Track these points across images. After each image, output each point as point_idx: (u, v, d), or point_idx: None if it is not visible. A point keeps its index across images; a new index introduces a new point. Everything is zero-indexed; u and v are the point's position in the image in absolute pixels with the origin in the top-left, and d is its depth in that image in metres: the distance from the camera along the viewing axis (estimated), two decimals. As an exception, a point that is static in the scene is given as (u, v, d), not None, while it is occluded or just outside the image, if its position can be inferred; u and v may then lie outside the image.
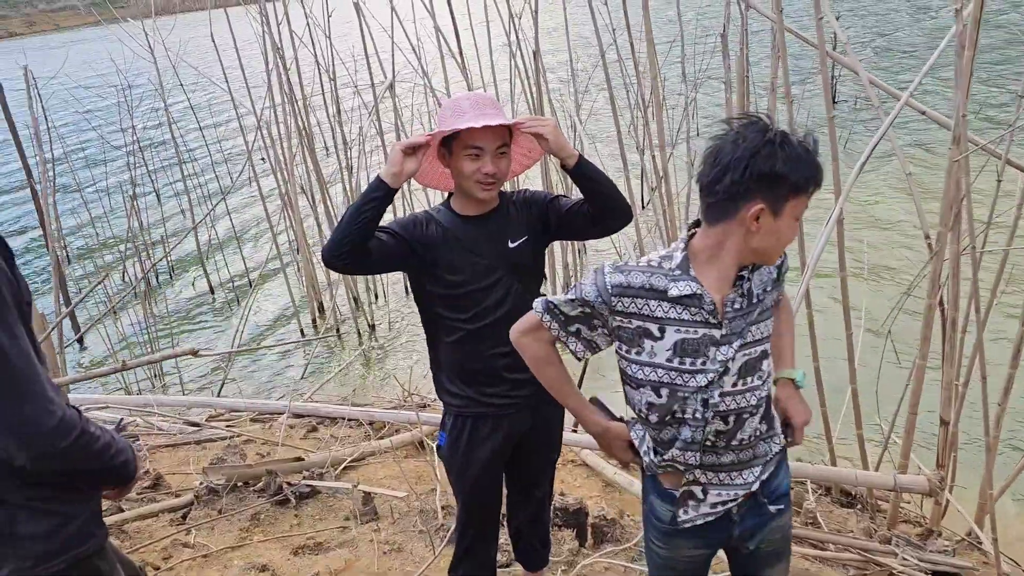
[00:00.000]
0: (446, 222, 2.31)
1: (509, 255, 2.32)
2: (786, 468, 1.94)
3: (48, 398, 1.33)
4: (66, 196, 11.11)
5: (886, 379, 4.69)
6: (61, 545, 1.41)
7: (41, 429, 1.31)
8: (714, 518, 1.86)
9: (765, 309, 1.82)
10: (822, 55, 3.51)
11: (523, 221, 2.36)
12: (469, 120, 2.13)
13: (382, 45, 7.26)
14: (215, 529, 3.51)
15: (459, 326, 2.33)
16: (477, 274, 2.29)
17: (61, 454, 1.34)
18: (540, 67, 6.24)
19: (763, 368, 1.82)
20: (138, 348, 7.39)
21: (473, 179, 2.21)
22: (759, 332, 1.81)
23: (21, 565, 1.38)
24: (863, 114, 10.57)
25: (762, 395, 1.83)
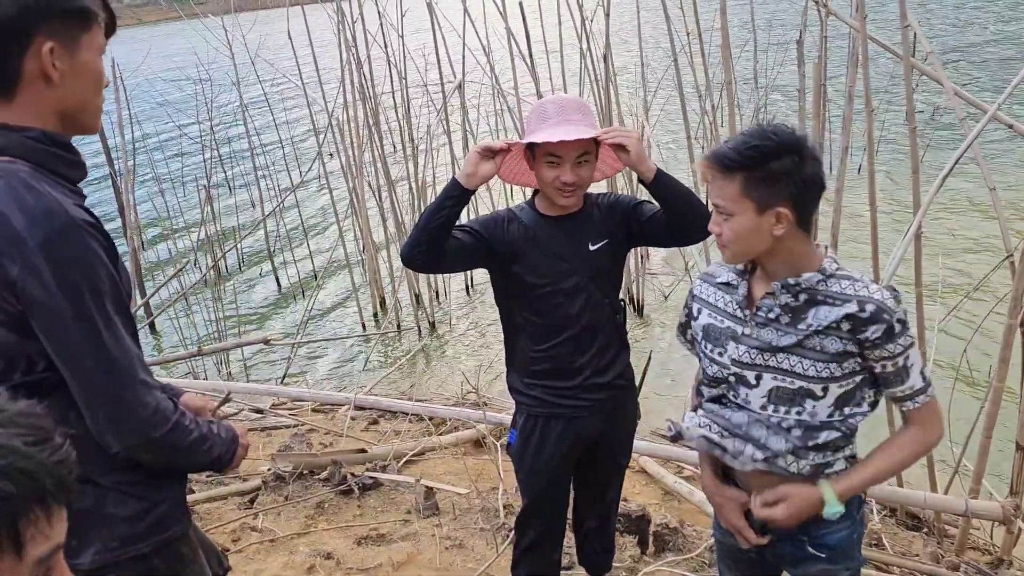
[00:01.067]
0: (528, 221, 2.32)
1: (589, 257, 2.32)
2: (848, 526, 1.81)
3: (145, 388, 1.38)
4: (142, 184, 11.48)
5: (959, 401, 4.57)
6: (146, 529, 1.46)
7: (136, 419, 1.36)
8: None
9: (820, 350, 1.68)
10: (907, 65, 3.44)
11: (606, 224, 2.36)
12: (548, 130, 2.15)
13: (453, 45, 7.33)
14: (281, 515, 3.60)
15: (535, 326, 2.35)
16: (556, 275, 2.30)
17: (154, 444, 1.39)
18: (610, 70, 6.23)
19: (806, 405, 1.71)
20: (207, 336, 7.60)
21: (552, 186, 2.22)
22: (795, 365, 1.70)
23: (107, 545, 1.42)
24: (942, 125, 10.26)
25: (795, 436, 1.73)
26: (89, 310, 1.31)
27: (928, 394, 1.72)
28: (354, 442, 4.46)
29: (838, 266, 1.70)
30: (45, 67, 1.34)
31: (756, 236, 1.66)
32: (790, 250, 1.69)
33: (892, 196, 8.49)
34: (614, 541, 2.79)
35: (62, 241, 1.29)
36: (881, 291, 1.67)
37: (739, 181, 1.62)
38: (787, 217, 1.63)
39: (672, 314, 7.44)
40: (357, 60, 7.15)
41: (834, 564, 1.83)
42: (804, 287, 1.68)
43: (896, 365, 1.68)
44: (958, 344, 4.26)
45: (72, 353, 1.32)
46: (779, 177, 1.61)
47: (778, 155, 1.61)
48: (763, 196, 1.62)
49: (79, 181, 1.44)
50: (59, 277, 1.29)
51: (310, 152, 11.15)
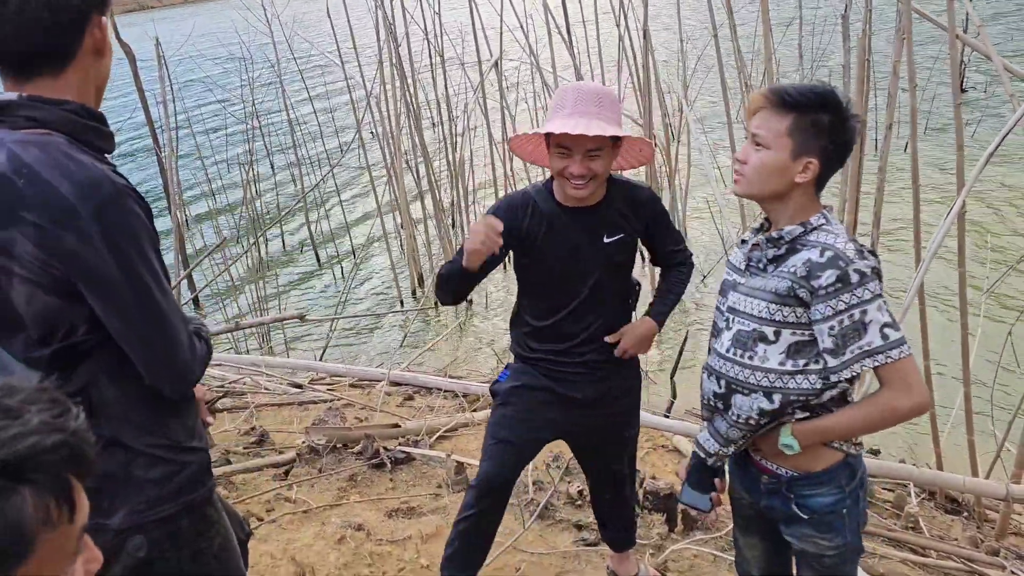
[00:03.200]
0: (544, 208, 2.28)
1: (603, 249, 2.29)
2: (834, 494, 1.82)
3: (191, 340, 1.47)
4: (186, 160, 11.65)
5: (1003, 384, 4.47)
6: (174, 491, 1.50)
7: (188, 370, 1.47)
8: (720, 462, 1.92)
9: (772, 291, 1.73)
10: (951, 38, 3.33)
11: (626, 219, 2.33)
12: (561, 120, 2.11)
13: (490, 22, 7.30)
14: (315, 487, 3.66)
15: (543, 311, 2.36)
16: (569, 264, 2.28)
17: (196, 382, 1.52)
18: (649, 47, 6.15)
19: (758, 351, 1.76)
20: (248, 312, 7.73)
21: (562, 176, 2.19)
22: (754, 307, 1.77)
23: (136, 507, 1.47)
24: (995, 102, 9.96)
25: (760, 379, 1.76)
26: (141, 274, 1.38)
27: (891, 355, 1.66)
28: (388, 417, 4.51)
29: (825, 221, 1.75)
30: (99, 41, 1.41)
31: (779, 176, 1.73)
32: (798, 201, 1.76)
33: (938, 173, 8.28)
34: (635, 517, 2.78)
35: (112, 208, 1.34)
36: (848, 243, 1.69)
37: (789, 120, 1.70)
38: (814, 168, 1.72)
39: (709, 295, 7.37)
40: (394, 37, 7.15)
41: (820, 533, 1.83)
42: (787, 239, 1.75)
43: (852, 319, 1.65)
44: (1003, 326, 4.16)
45: (126, 315, 1.39)
46: (822, 129, 1.70)
47: (830, 109, 1.69)
48: (803, 141, 1.70)
49: (110, 152, 1.48)
50: (111, 243, 1.34)
51: (350, 130, 11.21)
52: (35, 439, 0.79)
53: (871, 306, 1.65)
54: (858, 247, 1.69)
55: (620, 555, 2.81)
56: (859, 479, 1.84)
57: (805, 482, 1.81)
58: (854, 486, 1.82)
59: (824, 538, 1.83)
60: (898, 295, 5.87)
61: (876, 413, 1.72)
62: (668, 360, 5.53)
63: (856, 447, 1.82)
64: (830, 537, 1.83)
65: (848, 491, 1.81)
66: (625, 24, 6.46)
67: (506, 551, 3.05)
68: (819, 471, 1.81)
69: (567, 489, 3.53)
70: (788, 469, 1.83)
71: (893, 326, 1.67)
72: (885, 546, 3.32)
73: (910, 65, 3.50)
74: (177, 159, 7.84)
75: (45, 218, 1.31)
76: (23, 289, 1.35)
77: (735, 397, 1.81)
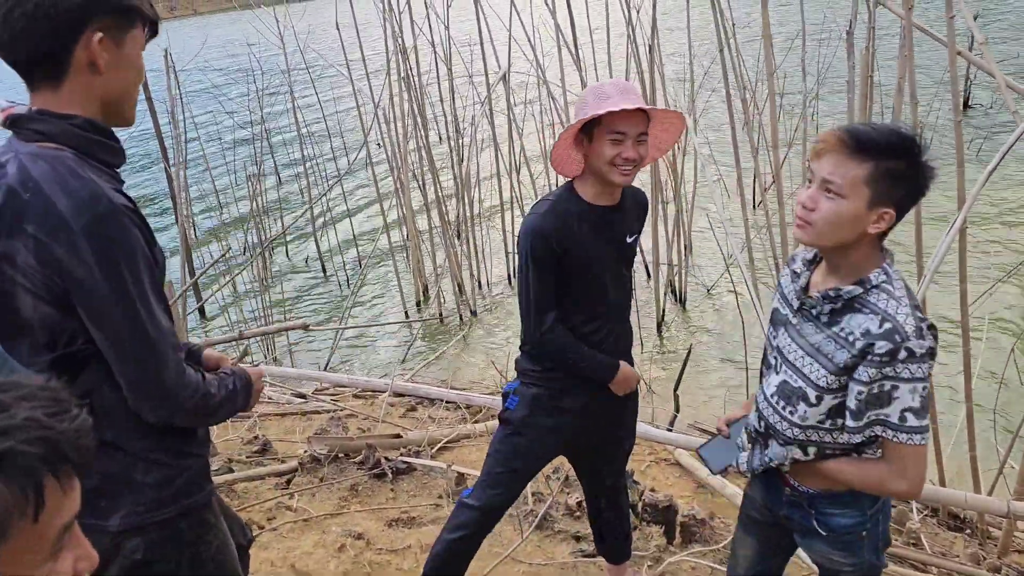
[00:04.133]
0: (577, 209, 2.31)
1: (625, 249, 2.38)
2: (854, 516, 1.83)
3: (178, 365, 1.46)
4: (193, 169, 11.71)
5: (1005, 401, 4.45)
6: (172, 494, 1.53)
7: (170, 395, 1.45)
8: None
9: (830, 358, 1.67)
10: (951, 54, 3.35)
11: (637, 221, 2.44)
12: (613, 104, 2.15)
13: (498, 36, 7.35)
14: (316, 496, 3.67)
15: (578, 318, 2.37)
16: (604, 261, 2.33)
17: (184, 414, 1.49)
18: (657, 61, 6.18)
19: (799, 408, 1.74)
20: (253, 321, 7.77)
21: (613, 163, 2.21)
22: (809, 368, 1.71)
23: (134, 509, 1.49)
24: (1001, 119, 9.97)
25: (797, 434, 1.77)
26: (129, 292, 1.39)
27: (900, 437, 1.63)
28: (390, 427, 4.53)
29: (885, 277, 1.65)
30: (94, 56, 1.42)
31: (852, 226, 1.61)
32: (864, 251, 1.66)
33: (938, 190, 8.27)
34: (631, 528, 2.79)
35: (104, 225, 1.36)
36: (911, 316, 1.59)
37: (868, 167, 1.57)
38: (889, 219, 1.61)
39: (714, 307, 7.38)
40: (403, 50, 7.21)
41: (835, 550, 1.84)
42: (844, 298, 1.66)
43: (881, 388, 1.61)
44: (1007, 343, 4.15)
45: (112, 332, 1.40)
46: (902, 178, 1.58)
47: (909, 156, 1.57)
48: (881, 191, 1.58)
49: (119, 167, 1.52)
50: (101, 260, 1.36)
51: (357, 141, 11.28)
52: (12, 434, 0.80)
53: (905, 386, 1.59)
54: (918, 322, 1.59)
55: (617, 567, 2.82)
56: (882, 503, 1.84)
57: (828, 501, 1.82)
58: (876, 511, 1.83)
59: (839, 555, 1.85)
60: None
61: (869, 480, 1.73)
62: (672, 374, 5.53)
63: None
64: (847, 555, 1.84)
65: (870, 515, 1.82)
66: (633, 38, 6.50)
67: (504, 562, 3.06)
68: (843, 492, 1.80)
69: (566, 500, 3.53)
70: (810, 487, 1.84)
71: (918, 413, 1.61)
72: (887, 562, 3.31)
73: (911, 81, 3.52)
74: (186, 169, 7.90)
75: (42, 231, 1.34)
76: (27, 298, 1.39)
77: (772, 442, 1.83)
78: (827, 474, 1.77)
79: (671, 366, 6.22)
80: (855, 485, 1.74)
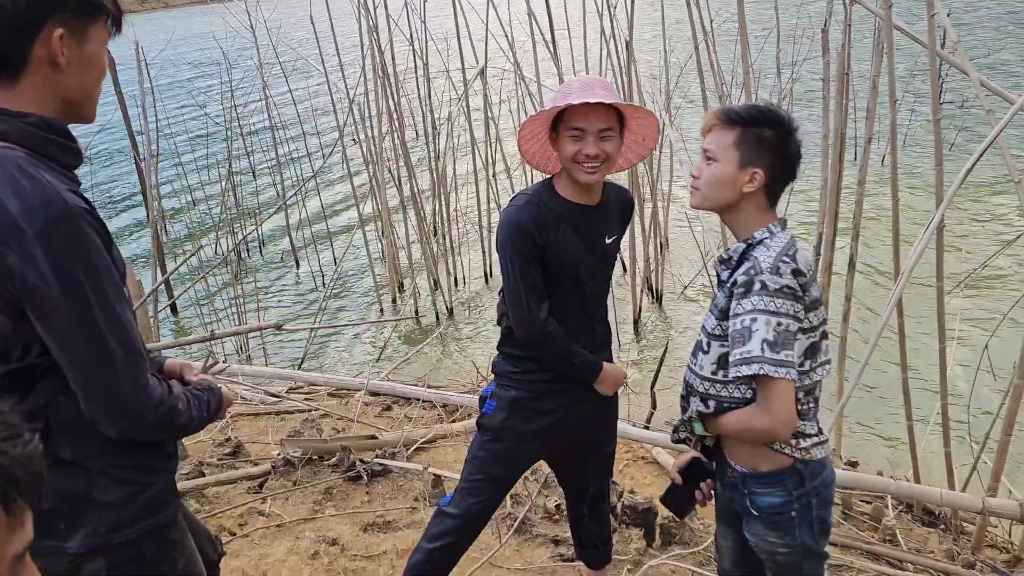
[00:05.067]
0: (556, 207, 2.26)
1: (605, 249, 2.33)
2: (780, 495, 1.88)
3: (141, 376, 1.39)
4: (165, 166, 11.53)
5: (979, 396, 4.49)
6: (136, 513, 1.46)
7: (131, 408, 1.38)
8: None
9: (716, 306, 1.88)
10: (932, 54, 3.35)
11: (620, 221, 2.40)
12: (573, 99, 2.10)
13: (476, 31, 7.29)
14: (289, 500, 3.61)
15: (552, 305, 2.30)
16: (582, 263, 2.28)
17: (147, 428, 1.42)
18: (632, 57, 6.16)
19: (699, 358, 1.91)
20: (226, 319, 7.66)
21: (574, 160, 2.16)
22: (707, 322, 1.91)
23: (96, 530, 1.42)
24: (970, 116, 10.07)
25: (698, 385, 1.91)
26: (86, 300, 1.32)
27: (758, 368, 1.70)
28: (366, 428, 4.47)
29: (768, 235, 1.85)
30: (54, 53, 1.35)
31: (729, 186, 1.86)
32: (748, 212, 1.88)
33: (917, 187, 8.35)
34: (611, 533, 2.76)
35: (59, 229, 1.29)
36: (773, 258, 1.76)
37: (735, 134, 1.85)
38: (760, 178, 1.84)
39: (691, 305, 7.39)
40: (378, 45, 7.12)
41: (769, 531, 1.90)
42: (735, 258, 1.87)
43: (742, 323, 1.74)
44: (980, 340, 4.18)
45: (68, 343, 1.33)
46: (765, 143, 1.84)
47: (772, 124, 1.84)
48: (748, 153, 1.84)
49: (75, 168, 1.45)
50: (56, 266, 1.29)
51: (332, 137, 11.17)
52: None
53: (761, 317, 1.72)
54: (778, 263, 1.75)
55: (597, 572, 2.79)
56: (812, 487, 1.88)
57: (755, 480, 1.91)
58: (804, 492, 1.88)
59: (772, 535, 1.91)
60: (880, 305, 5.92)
61: (741, 424, 1.85)
62: (648, 371, 5.52)
63: (802, 452, 1.86)
64: (779, 535, 1.90)
65: (796, 495, 1.87)
66: (609, 34, 6.48)
67: (482, 567, 3.02)
68: (766, 471, 1.88)
69: (544, 503, 3.50)
70: (741, 466, 1.93)
71: (772, 346, 1.71)
72: (863, 559, 3.32)
73: (891, 80, 3.52)
74: (157, 164, 7.77)
75: None
76: None
77: (691, 399, 1.97)
78: (718, 427, 1.91)
79: (648, 363, 6.22)
80: (732, 429, 1.88)
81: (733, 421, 1.87)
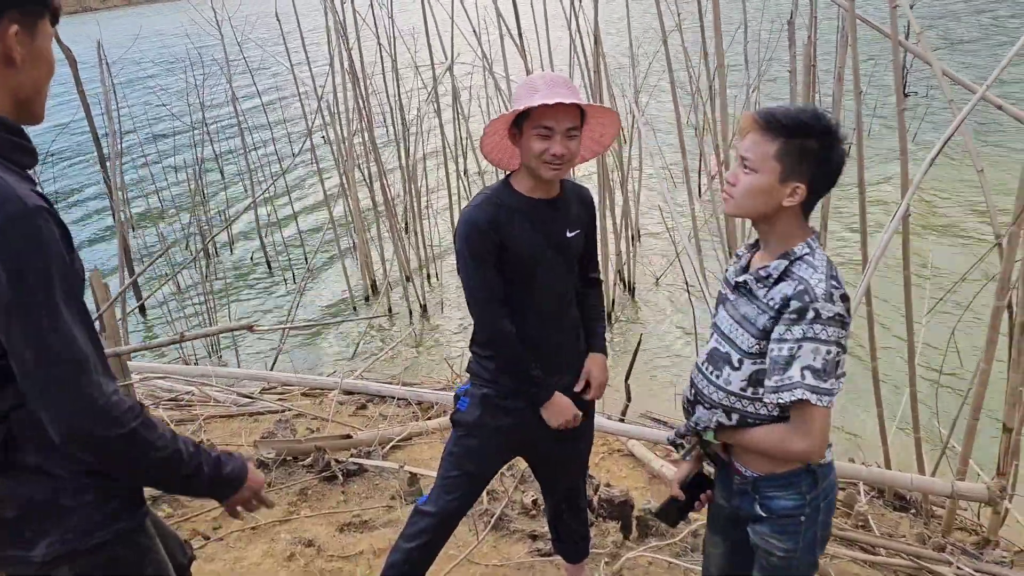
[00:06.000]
0: (513, 203, 2.27)
1: (567, 243, 2.33)
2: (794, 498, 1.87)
3: (91, 383, 1.32)
4: (131, 167, 11.35)
5: (948, 383, 4.56)
6: (102, 519, 1.43)
7: (76, 415, 1.31)
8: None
9: (753, 323, 1.79)
10: (895, 45, 3.39)
11: (580, 216, 2.39)
12: (541, 98, 2.11)
13: (443, 27, 7.25)
14: (264, 502, 3.57)
15: (520, 315, 2.31)
16: (542, 254, 2.28)
17: (99, 444, 1.33)
18: (600, 52, 6.16)
19: (724, 372, 1.84)
20: (196, 319, 7.57)
21: (541, 159, 2.17)
22: (735, 332, 1.83)
23: (63, 537, 1.40)
24: (934, 105, 10.22)
25: (720, 398, 1.85)
26: (34, 301, 1.28)
27: (801, 394, 1.68)
28: (341, 427, 4.44)
29: (808, 251, 1.76)
30: (10, 49, 1.32)
31: (767, 198, 1.76)
32: (786, 224, 1.79)
33: (882, 177, 8.46)
34: (588, 528, 2.77)
35: (16, 228, 1.26)
36: (822, 281, 1.70)
37: (778, 144, 1.72)
38: (801, 193, 1.74)
39: (663, 297, 7.42)
40: (346, 42, 7.07)
41: (773, 533, 1.88)
42: (774, 275, 1.77)
43: (789, 350, 1.70)
44: (947, 327, 4.24)
45: (15, 344, 1.29)
46: (811, 155, 1.72)
47: (817, 135, 1.72)
48: (791, 165, 1.73)
49: (30, 168, 1.41)
50: (9, 265, 1.25)
51: (301, 135, 11.07)
52: None
53: (808, 344, 1.68)
54: (830, 288, 1.70)
55: (575, 566, 2.80)
56: (822, 490, 1.86)
57: (768, 483, 1.87)
58: (816, 495, 1.85)
59: (776, 538, 1.88)
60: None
61: (772, 438, 1.79)
62: (622, 364, 5.54)
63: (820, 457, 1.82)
64: (783, 539, 1.87)
65: (808, 499, 1.85)
66: (576, 28, 6.48)
67: (460, 564, 3.02)
68: (781, 473, 1.85)
69: (521, 499, 3.50)
70: (754, 471, 1.89)
71: (817, 373, 1.68)
72: (837, 545, 3.36)
73: (856, 71, 3.55)
74: (121, 164, 7.65)
75: None
76: None
77: (698, 407, 1.91)
78: (741, 439, 1.85)
79: (622, 356, 6.24)
80: (760, 445, 1.82)
81: (762, 437, 1.82)
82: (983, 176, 3.41)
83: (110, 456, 1.36)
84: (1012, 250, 3.23)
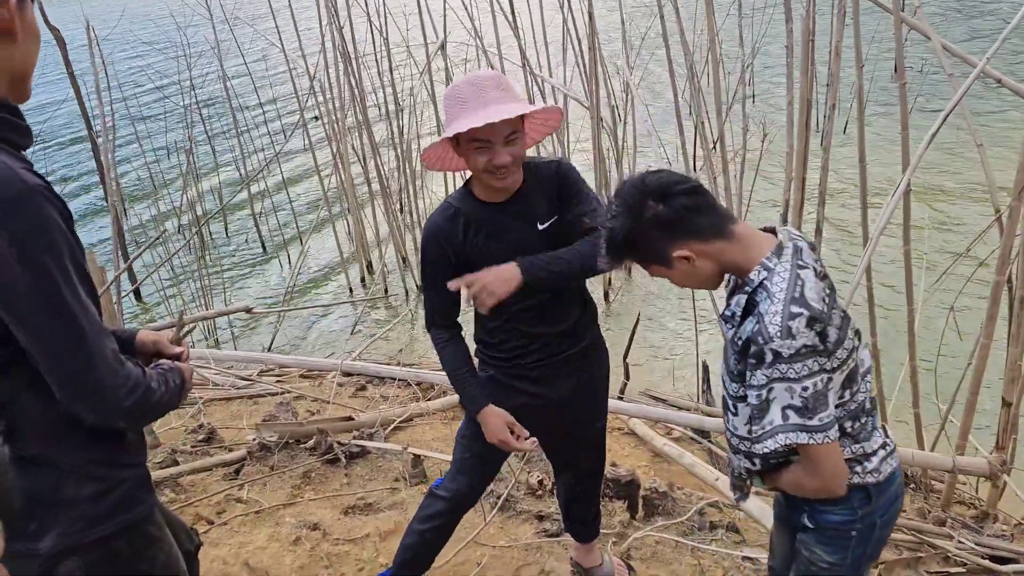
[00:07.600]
0: (470, 212, 2.18)
1: (541, 237, 2.20)
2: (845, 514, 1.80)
3: (115, 359, 1.33)
4: (123, 149, 11.25)
5: (946, 357, 4.57)
6: (110, 509, 1.42)
7: (109, 393, 1.32)
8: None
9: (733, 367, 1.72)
10: (896, 19, 3.36)
11: (548, 200, 2.23)
12: (469, 115, 1.99)
13: (435, 4, 7.17)
14: (267, 485, 3.57)
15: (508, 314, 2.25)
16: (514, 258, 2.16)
17: (125, 413, 1.35)
18: (594, 28, 6.10)
19: (729, 419, 1.81)
20: (192, 301, 7.54)
21: (486, 171, 2.08)
22: (726, 376, 1.78)
23: (69, 528, 1.38)
24: (931, 79, 10.18)
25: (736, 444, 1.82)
26: (54, 282, 1.25)
27: (787, 438, 1.60)
28: (341, 409, 4.43)
29: (766, 273, 1.62)
30: (10, 22, 1.29)
31: (692, 276, 1.70)
32: (726, 262, 1.68)
33: (883, 152, 8.44)
34: (599, 509, 2.77)
35: (19, 210, 1.23)
36: (781, 315, 1.56)
37: (632, 258, 1.71)
38: (688, 251, 1.65)
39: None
40: (338, 21, 6.98)
41: (819, 544, 1.82)
42: (738, 313, 1.68)
43: (759, 397, 1.61)
44: (946, 301, 4.25)
45: (38, 329, 1.26)
46: (647, 242, 1.66)
47: (629, 237, 1.65)
48: (653, 258, 1.69)
49: (26, 148, 1.38)
50: (20, 249, 1.22)
51: (294, 115, 10.97)
52: None
53: (779, 385, 1.57)
54: (788, 323, 1.55)
55: (585, 546, 2.80)
56: (879, 506, 1.79)
57: (820, 500, 1.79)
58: (870, 511, 1.78)
59: (822, 549, 1.82)
60: (849, 271, 5.99)
61: (795, 483, 1.75)
62: (621, 342, 5.54)
63: (871, 474, 1.76)
64: (829, 551, 1.82)
65: (860, 515, 1.78)
66: (569, 6, 6.42)
67: (467, 545, 3.02)
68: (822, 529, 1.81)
69: (527, 479, 3.50)
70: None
71: (800, 411, 1.59)
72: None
73: (857, 46, 3.53)
74: (114, 147, 7.57)
75: None
76: None
77: (731, 455, 1.89)
78: (776, 483, 1.81)
79: (620, 334, 6.24)
80: (791, 489, 1.78)
81: (789, 479, 1.76)
82: (983, 151, 3.39)
83: (134, 417, 1.40)
84: (1012, 224, 3.22)
